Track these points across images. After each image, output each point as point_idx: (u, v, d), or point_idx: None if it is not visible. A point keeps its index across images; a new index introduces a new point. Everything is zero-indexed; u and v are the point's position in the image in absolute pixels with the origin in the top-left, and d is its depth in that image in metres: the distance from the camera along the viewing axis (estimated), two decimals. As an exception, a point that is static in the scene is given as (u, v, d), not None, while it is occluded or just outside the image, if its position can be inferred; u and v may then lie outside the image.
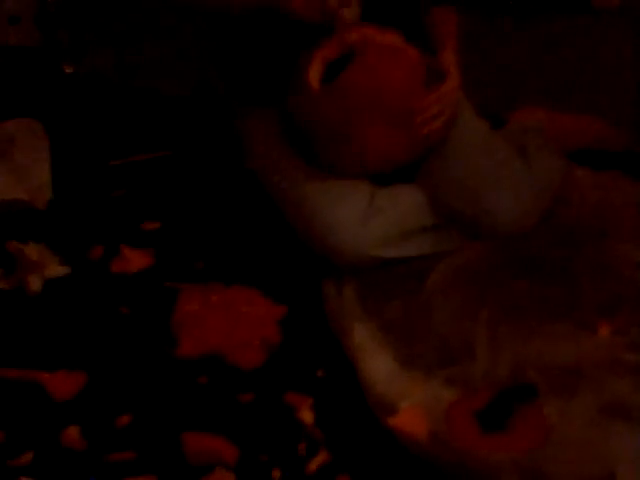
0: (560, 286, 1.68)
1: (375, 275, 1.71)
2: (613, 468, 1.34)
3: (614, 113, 2.19)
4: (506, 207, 1.74)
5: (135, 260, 1.81)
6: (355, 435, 1.43)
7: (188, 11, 1.94)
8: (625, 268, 1.71)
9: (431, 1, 1.85)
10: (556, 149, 1.91)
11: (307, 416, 1.47)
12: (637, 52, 2.65)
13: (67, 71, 2.55)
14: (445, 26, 1.82)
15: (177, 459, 1.39)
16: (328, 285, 1.70)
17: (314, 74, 1.69)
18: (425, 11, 1.84)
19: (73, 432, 1.43)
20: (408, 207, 1.75)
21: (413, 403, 1.44)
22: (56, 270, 1.77)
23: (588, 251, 1.76)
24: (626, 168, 1.99)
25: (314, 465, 1.40)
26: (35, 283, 1.73)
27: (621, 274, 1.70)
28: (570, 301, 1.65)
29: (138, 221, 1.92)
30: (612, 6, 2.95)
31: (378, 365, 1.52)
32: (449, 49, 1.77)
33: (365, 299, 1.66)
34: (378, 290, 1.68)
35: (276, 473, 1.38)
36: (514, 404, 1.42)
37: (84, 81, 2.48)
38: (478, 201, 1.74)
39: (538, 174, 1.82)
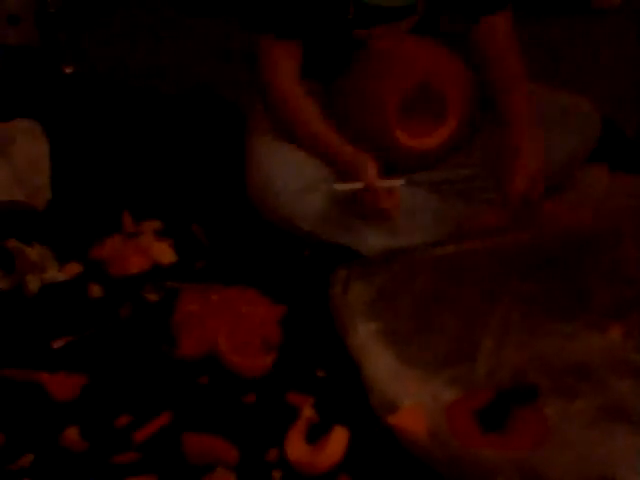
0: (571, 287, 1.68)
1: (381, 275, 1.71)
2: (612, 470, 1.33)
3: (615, 113, 2.19)
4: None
5: (135, 261, 1.81)
6: (356, 435, 1.42)
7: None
8: (638, 270, 1.72)
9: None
10: None
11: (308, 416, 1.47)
12: (638, 52, 2.65)
13: (67, 71, 2.55)
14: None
15: (177, 459, 1.39)
16: (334, 283, 1.70)
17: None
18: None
19: (73, 433, 1.43)
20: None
21: (414, 402, 1.44)
22: (54, 276, 1.77)
23: (601, 253, 1.76)
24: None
25: (314, 465, 1.40)
26: (33, 283, 1.73)
27: (634, 276, 1.70)
28: (581, 302, 1.65)
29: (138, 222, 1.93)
30: (612, 6, 2.95)
31: (381, 364, 1.52)
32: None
33: (370, 299, 1.66)
34: (383, 290, 1.68)
35: (277, 473, 1.38)
36: (514, 405, 1.42)
37: (84, 81, 2.48)
38: None
39: None
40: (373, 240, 1.77)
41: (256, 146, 1.78)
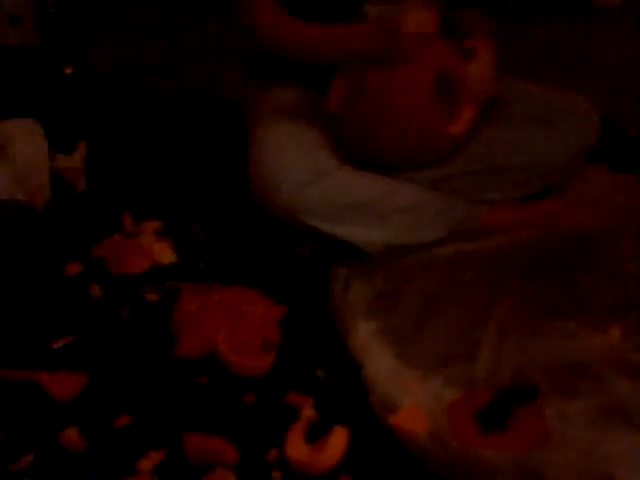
0: (571, 287, 1.68)
1: (381, 275, 1.71)
2: (612, 469, 1.33)
3: (615, 113, 2.19)
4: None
5: (135, 261, 1.81)
6: (356, 435, 1.42)
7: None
8: (637, 270, 1.72)
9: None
10: None
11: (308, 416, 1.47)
12: (637, 52, 2.65)
13: (67, 71, 2.55)
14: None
15: (177, 459, 1.39)
16: (334, 283, 1.70)
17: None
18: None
19: (73, 433, 1.43)
20: (362, 182, 1.77)
21: (414, 402, 1.44)
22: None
23: (601, 253, 1.76)
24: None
25: (314, 465, 1.40)
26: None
27: (634, 276, 1.70)
28: (580, 302, 1.65)
29: (138, 222, 1.93)
30: (613, 6, 2.95)
31: (381, 364, 1.52)
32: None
33: (370, 298, 1.66)
34: (384, 289, 1.68)
35: (276, 473, 1.38)
36: (513, 404, 1.42)
37: (84, 81, 2.48)
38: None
39: None
40: (373, 235, 1.78)
41: (258, 140, 1.79)
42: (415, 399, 1.45)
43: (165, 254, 1.83)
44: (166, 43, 2.72)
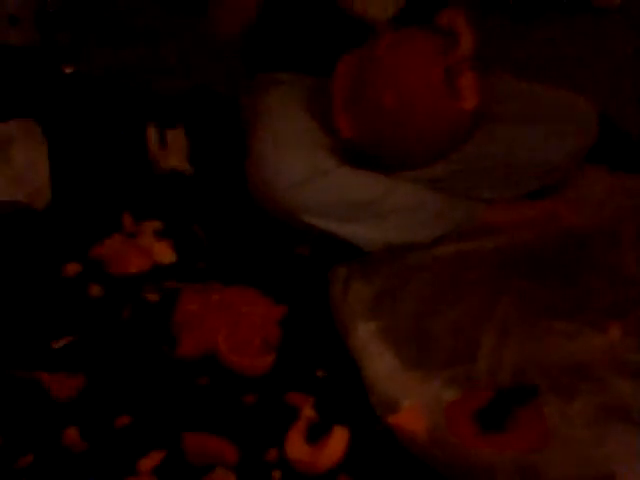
0: (571, 287, 1.68)
1: (381, 275, 1.71)
2: (612, 469, 1.34)
3: (615, 113, 2.19)
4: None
5: (135, 261, 1.81)
6: (356, 435, 1.42)
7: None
8: (638, 270, 1.72)
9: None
10: None
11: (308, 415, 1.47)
12: (637, 52, 2.66)
13: (67, 71, 2.55)
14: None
15: (177, 459, 1.39)
16: (334, 283, 1.70)
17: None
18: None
19: (73, 433, 1.43)
20: (361, 181, 1.77)
21: (414, 402, 1.44)
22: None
23: (601, 253, 1.76)
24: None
25: (314, 465, 1.40)
26: None
27: (634, 276, 1.71)
28: (581, 302, 1.65)
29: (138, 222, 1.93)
30: (612, 6, 2.95)
31: (381, 364, 1.52)
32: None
33: (370, 298, 1.66)
34: (384, 290, 1.68)
35: (276, 473, 1.38)
36: (513, 404, 1.42)
37: (84, 81, 2.48)
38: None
39: None
40: (372, 234, 1.77)
41: (257, 138, 1.79)
42: (415, 399, 1.45)
43: (165, 254, 1.83)
44: (166, 43, 2.72)
